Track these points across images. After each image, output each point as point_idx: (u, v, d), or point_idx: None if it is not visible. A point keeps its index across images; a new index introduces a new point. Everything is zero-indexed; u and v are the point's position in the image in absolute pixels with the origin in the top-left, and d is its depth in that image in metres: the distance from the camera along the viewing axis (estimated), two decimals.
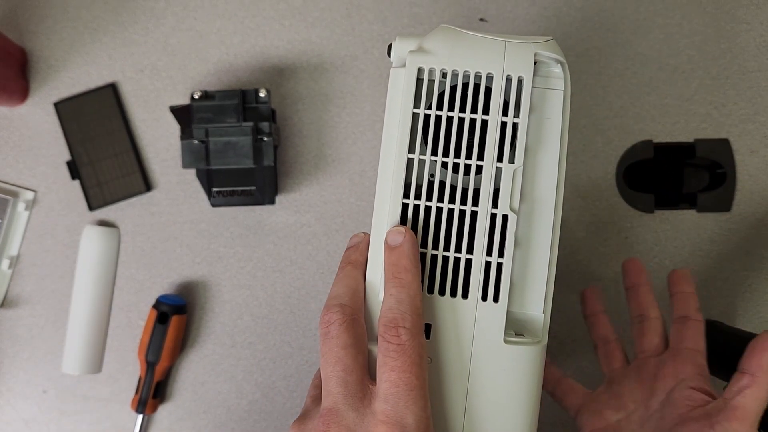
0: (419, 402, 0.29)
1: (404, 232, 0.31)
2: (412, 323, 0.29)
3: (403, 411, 0.28)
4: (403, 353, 0.29)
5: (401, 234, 0.31)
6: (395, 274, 0.31)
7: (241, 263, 0.56)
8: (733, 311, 0.54)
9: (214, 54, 0.57)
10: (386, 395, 0.29)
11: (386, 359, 0.29)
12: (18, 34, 0.58)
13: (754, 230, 0.54)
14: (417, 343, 0.29)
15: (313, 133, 0.57)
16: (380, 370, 0.29)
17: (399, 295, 0.30)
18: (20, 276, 0.57)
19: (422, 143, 0.32)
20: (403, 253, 0.31)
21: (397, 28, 0.57)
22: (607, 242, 0.55)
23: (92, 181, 0.57)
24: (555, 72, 0.33)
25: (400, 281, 0.30)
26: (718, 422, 0.37)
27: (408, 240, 0.31)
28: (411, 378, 0.29)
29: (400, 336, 0.29)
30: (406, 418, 0.28)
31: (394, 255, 0.31)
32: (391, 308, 0.30)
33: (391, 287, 0.31)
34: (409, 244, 0.31)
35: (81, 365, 0.55)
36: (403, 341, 0.29)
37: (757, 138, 0.54)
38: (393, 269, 0.31)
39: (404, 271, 0.30)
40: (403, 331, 0.29)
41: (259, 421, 0.56)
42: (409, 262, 0.31)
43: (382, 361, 0.29)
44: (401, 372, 0.29)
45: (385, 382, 0.29)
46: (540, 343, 0.32)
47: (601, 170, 0.55)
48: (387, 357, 0.29)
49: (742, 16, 0.55)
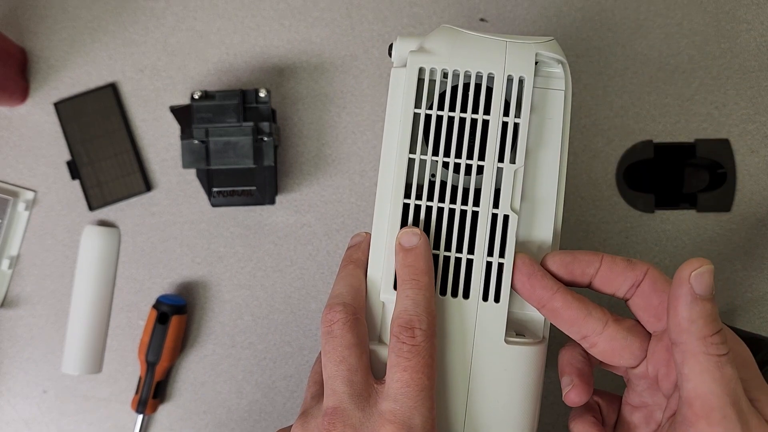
0: (427, 403, 0.29)
1: (419, 233, 0.31)
2: (428, 325, 0.29)
3: (411, 411, 0.28)
4: (417, 354, 0.29)
5: (417, 236, 0.31)
6: (412, 275, 0.30)
7: (241, 263, 0.56)
8: (733, 311, 0.54)
9: (214, 54, 0.57)
10: (396, 395, 0.29)
11: (399, 359, 0.29)
12: (18, 34, 0.58)
13: (754, 230, 0.54)
14: (431, 344, 0.29)
15: (313, 133, 0.57)
16: (392, 370, 0.29)
17: (416, 297, 0.30)
18: (20, 276, 0.57)
19: (423, 143, 0.32)
20: (420, 255, 0.31)
21: (397, 28, 0.57)
22: (607, 242, 0.55)
23: (92, 181, 0.57)
24: (556, 72, 0.33)
25: (417, 283, 0.30)
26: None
27: (424, 242, 0.31)
28: (423, 379, 0.29)
29: (415, 337, 0.29)
30: (414, 419, 0.28)
31: (411, 256, 0.31)
32: (407, 310, 0.30)
33: (407, 288, 0.30)
34: (425, 246, 0.31)
35: (81, 365, 0.55)
36: (418, 342, 0.29)
37: (758, 138, 0.54)
38: (410, 271, 0.31)
39: (421, 273, 0.30)
40: (419, 332, 0.29)
41: (259, 421, 0.56)
42: (426, 264, 0.31)
43: (395, 362, 0.29)
44: (414, 372, 0.29)
45: (397, 382, 0.29)
46: (541, 343, 0.32)
47: (601, 170, 0.55)
48: (400, 357, 0.29)
49: (742, 15, 0.55)
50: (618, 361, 0.30)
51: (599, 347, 0.30)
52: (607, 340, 0.30)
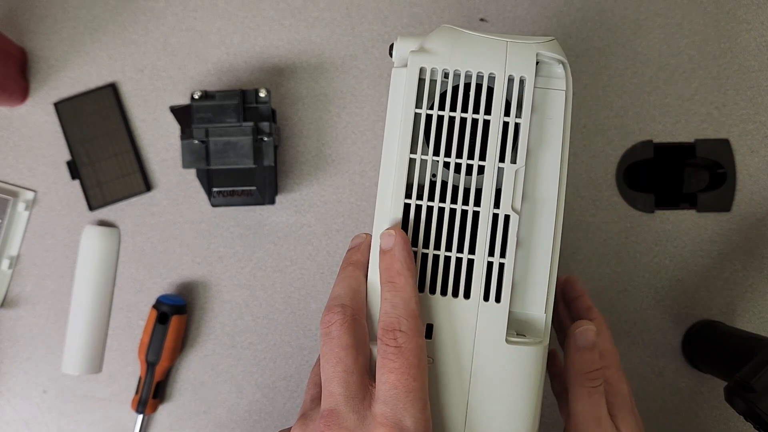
0: (417, 404, 0.29)
1: (394, 234, 0.31)
2: (408, 326, 0.29)
3: (401, 413, 0.28)
4: (401, 355, 0.29)
5: (391, 237, 0.31)
6: (388, 278, 0.31)
7: (241, 263, 0.56)
8: (733, 311, 0.54)
9: (214, 54, 0.57)
10: (385, 397, 0.29)
11: (385, 361, 0.29)
12: (18, 34, 0.57)
13: (754, 230, 0.54)
14: (414, 345, 0.29)
15: (313, 133, 0.57)
16: (379, 372, 0.29)
17: (393, 299, 0.30)
18: (20, 276, 0.57)
19: (424, 143, 0.32)
20: (394, 256, 0.31)
21: (397, 28, 0.57)
22: (607, 242, 0.55)
23: (92, 181, 0.57)
24: (557, 72, 0.33)
25: (394, 285, 0.30)
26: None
27: (398, 242, 0.31)
28: (409, 380, 0.29)
29: (397, 339, 0.29)
30: (404, 421, 0.28)
31: (386, 259, 0.31)
32: (387, 313, 0.30)
33: (385, 291, 0.31)
34: (400, 246, 0.31)
35: (81, 365, 0.55)
36: (400, 344, 0.29)
37: (758, 138, 0.54)
38: (386, 273, 0.31)
39: (396, 275, 0.30)
40: (400, 334, 0.29)
41: (259, 421, 0.56)
42: (401, 265, 0.31)
43: (381, 363, 0.29)
44: (399, 374, 0.29)
45: (384, 384, 0.29)
46: (541, 344, 0.32)
47: (601, 170, 0.55)
48: (385, 359, 0.29)
49: (742, 15, 0.55)
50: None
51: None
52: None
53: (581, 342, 0.37)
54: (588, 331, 0.37)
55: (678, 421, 0.54)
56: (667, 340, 0.54)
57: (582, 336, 0.37)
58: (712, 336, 0.52)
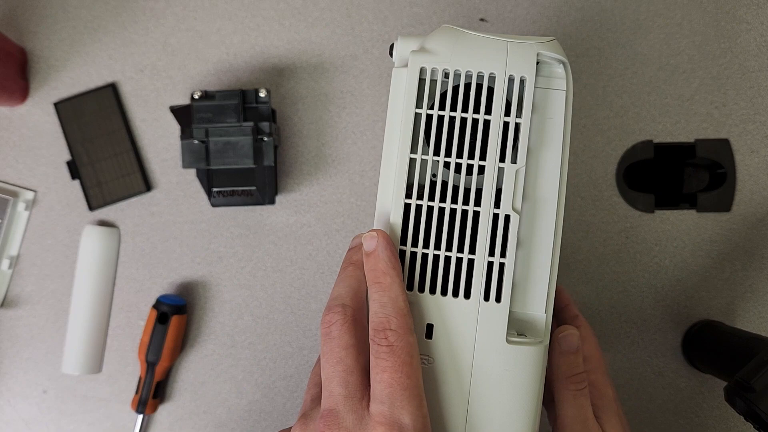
0: (414, 401, 0.29)
1: (376, 236, 0.31)
2: (397, 324, 0.30)
3: (399, 411, 0.28)
4: (393, 354, 0.29)
5: (374, 238, 0.31)
6: (374, 279, 0.31)
7: (241, 263, 0.56)
8: (733, 311, 0.54)
9: (214, 54, 0.57)
10: (381, 396, 0.29)
11: (378, 361, 0.29)
12: (18, 34, 0.57)
13: (754, 230, 0.54)
14: (406, 343, 0.30)
15: (313, 133, 0.57)
16: (373, 371, 0.30)
17: (381, 299, 0.31)
18: (20, 276, 0.57)
19: (424, 143, 0.32)
20: (377, 257, 0.31)
21: (397, 28, 0.57)
22: (607, 242, 0.55)
23: (92, 181, 0.57)
24: (557, 72, 0.33)
25: (381, 285, 0.31)
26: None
27: (380, 243, 0.31)
28: (403, 378, 0.29)
29: (388, 338, 0.29)
30: (402, 418, 0.28)
31: (371, 260, 0.31)
32: (376, 313, 0.30)
33: (373, 292, 0.31)
34: (382, 247, 0.31)
35: (81, 365, 0.55)
36: (391, 342, 0.29)
37: (758, 138, 0.54)
38: (371, 275, 0.31)
39: (382, 275, 0.31)
40: (391, 333, 0.30)
41: (259, 421, 0.56)
42: (386, 265, 0.31)
43: (374, 363, 0.30)
44: (393, 372, 0.29)
45: (379, 383, 0.29)
46: (542, 344, 0.32)
47: (601, 170, 0.55)
48: (378, 359, 0.29)
49: (742, 15, 0.55)
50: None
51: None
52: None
53: (565, 346, 0.37)
54: (571, 335, 0.37)
55: (678, 421, 0.54)
56: (667, 340, 0.54)
57: (566, 340, 0.37)
58: (712, 336, 0.52)
